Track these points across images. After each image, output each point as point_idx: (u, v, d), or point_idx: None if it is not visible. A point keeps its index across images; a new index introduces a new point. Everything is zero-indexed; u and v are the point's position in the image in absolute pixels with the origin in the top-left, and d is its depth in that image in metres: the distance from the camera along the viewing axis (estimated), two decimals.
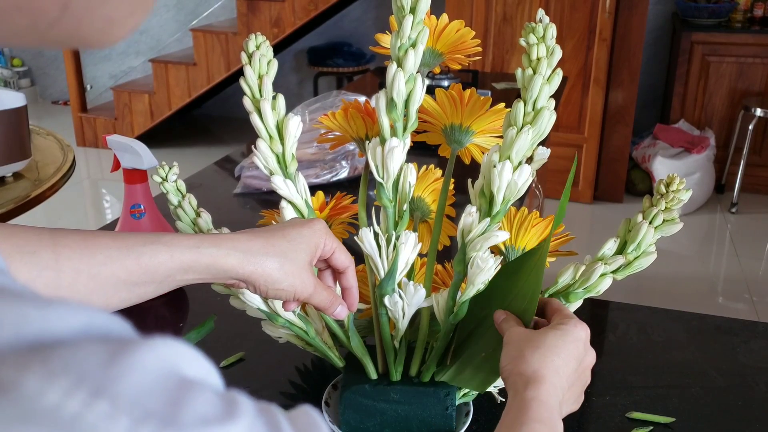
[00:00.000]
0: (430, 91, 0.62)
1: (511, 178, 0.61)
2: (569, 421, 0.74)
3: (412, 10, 0.61)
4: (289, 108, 0.76)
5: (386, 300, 0.64)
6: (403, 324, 0.65)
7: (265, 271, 0.55)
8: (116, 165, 0.96)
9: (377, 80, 2.55)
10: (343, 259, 0.63)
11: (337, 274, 0.65)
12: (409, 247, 0.65)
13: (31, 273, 0.48)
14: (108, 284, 0.51)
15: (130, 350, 0.22)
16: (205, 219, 0.70)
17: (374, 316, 0.69)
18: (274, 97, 0.65)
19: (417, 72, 0.62)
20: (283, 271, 0.56)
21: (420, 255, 0.68)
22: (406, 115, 0.63)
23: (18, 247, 0.48)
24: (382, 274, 0.64)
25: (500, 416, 0.62)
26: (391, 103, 0.62)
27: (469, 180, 0.65)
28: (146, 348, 0.22)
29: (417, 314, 0.69)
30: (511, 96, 2.29)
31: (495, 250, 0.69)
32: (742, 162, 3.41)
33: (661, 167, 3.43)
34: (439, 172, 0.76)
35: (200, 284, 0.58)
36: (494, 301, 0.64)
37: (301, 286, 0.58)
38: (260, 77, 0.65)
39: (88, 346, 0.21)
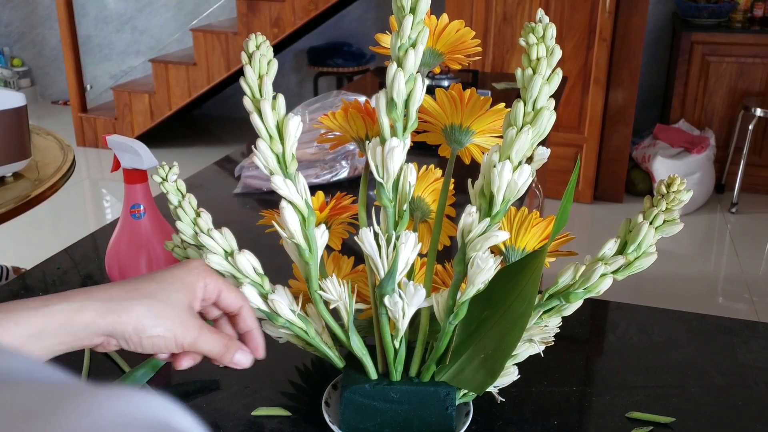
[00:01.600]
0: (430, 91, 0.62)
1: (511, 178, 0.61)
2: (569, 421, 0.74)
3: (412, 10, 0.61)
4: (289, 108, 0.76)
5: (386, 300, 0.64)
6: (403, 324, 0.65)
7: (131, 318, 0.48)
8: (116, 165, 0.96)
9: (377, 80, 2.55)
10: (233, 298, 0.56)
11: (231, 318, 0.59)
12: (409, 247, 0.65)
13: None
14: None
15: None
16: (205, 219, 0.70)
17: (374, 316, 0.69)
18: (274, 97, 0.65)
19: (417, 72, 0.62)
20: (152, 315, 0.49)
21: (420, 255, 0.68)
22: (406, 115, 0.63)
23: None
24: (382, 274, 0.64)
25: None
26: (391, 103, 0.62)
27: (469, 180, 0.65)
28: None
29: (417, 314, 0.69)
30: (511, 96, 2.29)
31: (495, 250, 0.69)
32: (742, 162, 3.41)
33: (661, 167, 3.43)
34: (439, 172, 0.76)
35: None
36: (494, 301, 0.64)
37: (180, 329, 0.50)
38: (260, 77, 0.65)
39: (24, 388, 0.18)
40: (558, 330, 0.68)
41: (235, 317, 0.59)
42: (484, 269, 0.62)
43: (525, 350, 0.69)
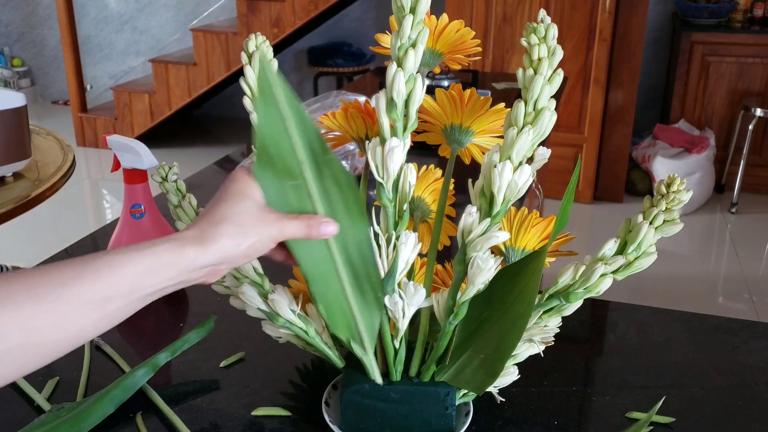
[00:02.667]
0: (430, 91, 0.62)
1: (511, 179, 0.61)
2: (569, 421, 0.74)
3: (412, 10, 0.61)
4: None
5: (386, 300, 0.64)
6: (403, 324, 0.65)
7: (225, 241, 0.53)
8: (116, 165, 0.96)
9: (377, 80, 2.55)
10: None
11: None
12: (409, 247, 0.65)
13: None
14: (72, 308, 0.47)
15: None
16: None
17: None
18: None
19: (417, 72, 0.62)
20: (239, 230, 0.54)
21: (420, 255, 0.68)
22: (406, 115, 0.63)
23: None
24: (382, 274, 0.64)
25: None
26: (391, 103, 0.62)
27: (469, 180, 0.65)
28: None
29: (417, 314, 0.69)
30: (511, 96, 2.29)
31: (495, 250, 0.69)
32: (742, 162, 3.41)
33: (661, 167, 3.43)
34: (439, 172, 0.76)
35: (200, 285, 0.56)
36: (494, 301, 0.64)
37: (265, 228, 0.55)
38: None
39: None
40: (558, 330, 0.68)
41: None
42: (484, 269, 0.62)
43: (525, 350, 0.69)
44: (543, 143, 0.65)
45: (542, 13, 0.61)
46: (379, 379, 0.67)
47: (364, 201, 0.68)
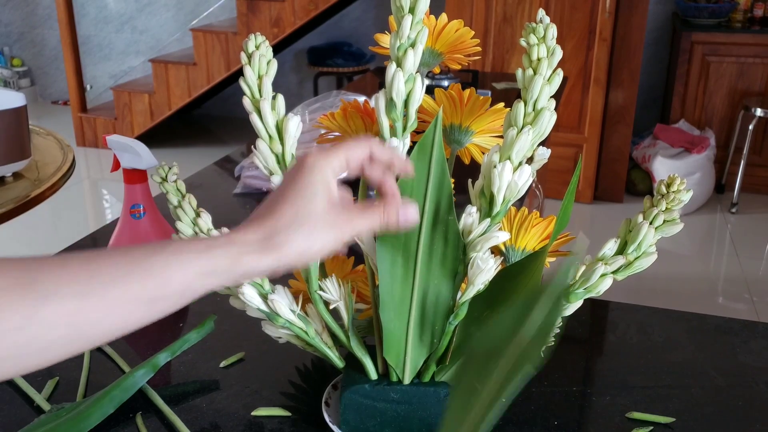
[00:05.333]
0: (429, 91, 0.62)
1: (511, 179, 0.61)
2: (569, 421, 0.74)
3: (412, 10, 0.61)
4: (289, 108, 0.76)
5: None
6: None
7: (291, 249, 0.49)
8: (116, 165, 0.96)
9: (377, 80, 2.55)
10: (361, 154, 0.54)
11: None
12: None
13: (35, 305, 0.43)
14: (118, 306, 0.45)
15: None
16: (205, 219, 0.70)
17: (374, 316, 0.69)
18: (273, 97, 0.65)
19: (416, 72, 0.62)
20: (307, 235, 0.49)
21: None
22: (405, 115, 0.63)
23: (15, 279, 0.43)
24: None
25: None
26: (390, 103, 0.62)
27: (469, 180, 0.65)
28: None
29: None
30: (511, 96, 2.29)
31: (495, 250, 0.69)
32: (742, 162, 3.41)
33: (661, 167, 3.43)
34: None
35: None
36: (495, 302, 0.64)
37: (334, 231, 0.51)
38: (260, 77, 0.65)
39: None
40: (558, 330, 0.68)
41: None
42: (484, 270, 0.62)
43: None
44: (543, 143, 0.65)
45: (541, 12, 0.61)
46: (374, 375, 0.67)
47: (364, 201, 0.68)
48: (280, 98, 0.65)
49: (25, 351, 0.43)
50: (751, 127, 3.38)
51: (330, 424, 0.69)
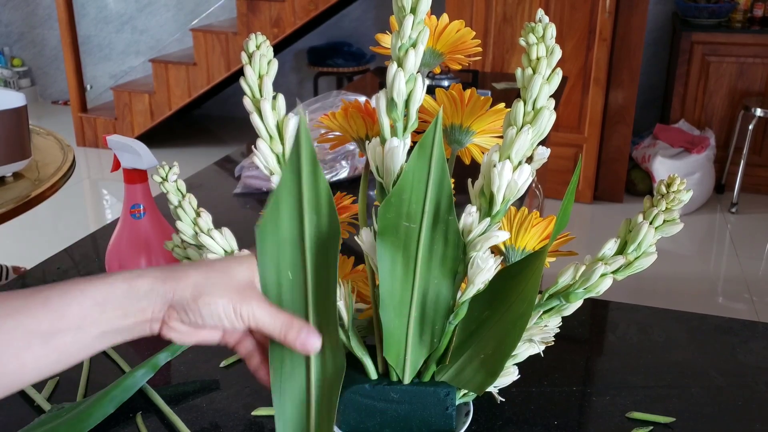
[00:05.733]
0: (430, 91, 0.62)
1: (511, 178, 0.61)
2: (569, 421, 0.74)
3: (413, 10, 0.61)
4: (289, 108, 0.76)
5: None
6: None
7: (189, 282, 0.48)
8: (116, 165, 0.96)
9: (377, 80, 2.55)
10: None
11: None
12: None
13: None
14: (14, 340, 0.43)
15: None
16: (205, 219, 0.70)
17: (374, 316, 0.69)
18: (274, 97, 0.65)
19: (417, 72, 0.62)
20: (210, 281, 0.49)
21: None
22: (406, 115, 0.63)
23: None
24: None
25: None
26: (391, 103, 0.62)
27: (469, 180, 0.65)
28: None
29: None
30: (511, 96, 2.29)
31: (495, 250, 0.69)
32: (742, 162, 3.41)
33: (661, 167, 3.43)
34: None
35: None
36: (494, 302, 0.64)
37: (238, 296, 0.49)
38: (260, 77, 0.65)
39: None
40: (558, 330, 0.68)
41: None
42: (484, 269, 0.62)
43: (525, 350, 0.69)
44: (542, 143, 0.65)
45: (540, 12, 0.61)
46: (374, 375, 0.67)
47: (364, 202, 0.68)
48: (281, 98, 0.65)
49: None
50: (751, 127, 3.38)
51: None
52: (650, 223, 0.62)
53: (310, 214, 0.57)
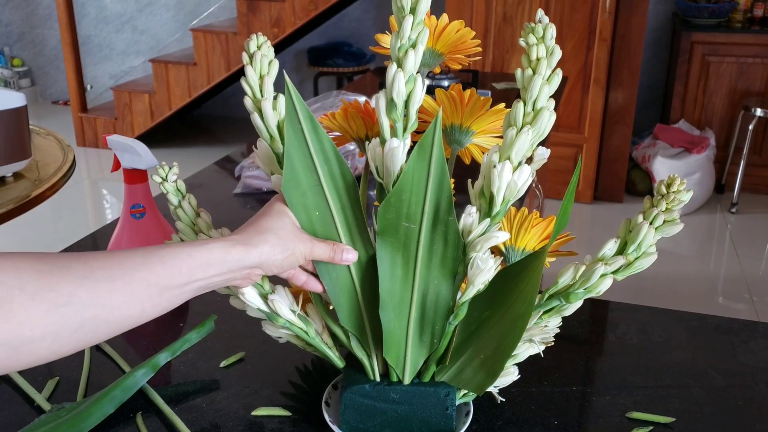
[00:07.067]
0: (430, 91, 0.62)
1: (511, 179, 0.61)
2: (569, 421, 0.74)
3: (413, 11, 0.61)
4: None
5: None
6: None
7: (267, 247, 0.59)
8: (116, 165, 0.96)
9: (377, 80, 2.56)
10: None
11: None
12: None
13: (74, 285, 0.48)
14: (140, 290, 0.52)
15: None
16: (205, 219, 0.70)
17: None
18: (275, 97, 0.65)
19: (417, 72, 0.62)
20: (280, 240, 0.60)
21: None
22: (406, 116, 0.63)
23: (52, 266, 0.48)
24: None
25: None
26: (391, 104, 0.62)
27: (469, 180, 0.65)
28: None
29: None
30: (511, 96, 2.29)
31: (495, 250, 0.69)
32: (742, 162, 3.41)
33: (661, 167, 3.43)
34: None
35: (234, 286, 0.62)
36: (494, 302, 0.64)
37: (300, 244, 0.62)
38: (261, 77, 0.65)
39: None
40: (558, 330, 0.68)
41: None
42: (484, 270, 0.62)
43: (525, 350, 0.69)
44: (542, 143, 0.65)
45: (540, 12, 0.61)
46: (377, 377, 0.68)
47: (364, 202, 0.68)
48: (281, 98, 0.65)
49: (62, 329, 0.47)
50: (751, 127, 3.38)
51: (330, 424, 0.69)
52: (650, 224, 0.62)
53: (321, 163, 0.63)
